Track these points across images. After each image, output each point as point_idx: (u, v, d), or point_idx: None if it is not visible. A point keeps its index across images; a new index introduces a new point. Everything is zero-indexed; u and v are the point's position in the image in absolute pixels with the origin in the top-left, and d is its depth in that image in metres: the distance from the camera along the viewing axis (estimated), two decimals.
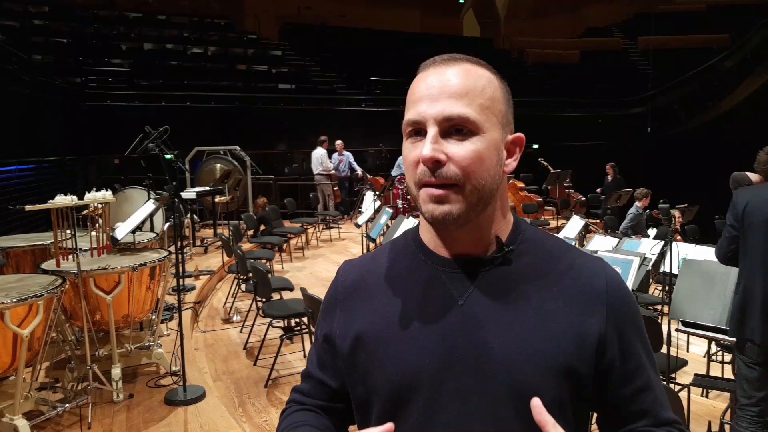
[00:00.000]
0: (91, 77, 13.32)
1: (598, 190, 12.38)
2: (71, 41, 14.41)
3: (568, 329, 0.86)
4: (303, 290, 4.03)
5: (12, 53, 10.26)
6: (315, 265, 8.39)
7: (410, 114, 0.86)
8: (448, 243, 0.91)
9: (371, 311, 0.94)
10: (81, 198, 3.74)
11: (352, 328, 0.94)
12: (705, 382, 3.29)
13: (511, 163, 0.91)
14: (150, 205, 4.22)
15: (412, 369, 0.87)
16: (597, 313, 0.87)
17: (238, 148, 10.28)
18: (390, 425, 0.81)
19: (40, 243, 4.36)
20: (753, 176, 3.63)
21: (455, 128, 0.83)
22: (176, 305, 4.12)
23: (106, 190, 3.84)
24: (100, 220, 4.00)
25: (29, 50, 12.59)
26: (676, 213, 8.44)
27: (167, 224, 6.14)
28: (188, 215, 8.46)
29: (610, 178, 11.53)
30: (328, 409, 1.01)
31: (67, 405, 3.35)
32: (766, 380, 2.72)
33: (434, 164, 0.82)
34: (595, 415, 0.96)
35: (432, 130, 0.83)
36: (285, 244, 8.67)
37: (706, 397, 4.13)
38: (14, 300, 2.95)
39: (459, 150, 0.83)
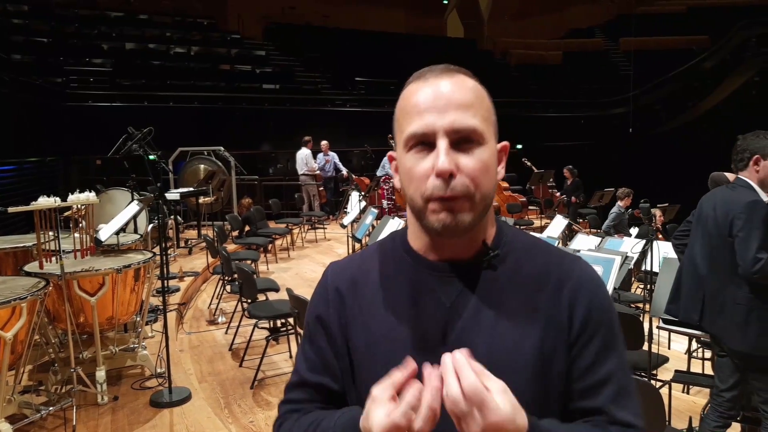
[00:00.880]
0: (72, 77, 13.15)
1: (557, 193, 12.36)
2: (51, 41, 14.21)
3: (547, 328, 0.88)
4: (289, 291, 4.03)
5: None
6: (300, 266, 8.38)
7: (415, 126, 0.85)
8: (439, 248, 0.93)
9: (361, 314, 0.95)
10: (64, 199, 3.71)
11: (343, 330, 0.96)
12: (685, 378, 3.35)
13: (501, 171, 0.93)
14: (134, 207, 4.20)
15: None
16: (568, 307, 0.89)
17: (222, 148, 10.22)
18: (413, 366, 0.78)
19: (22, 245, 4.31)
20: (731, 176, 3.69)
21: (463, 139, 0.85)
22: (161, 307, 4.10)
23: (89, 191, 3.81)
24: (84, 222, 3.97)
25: (9, 50, 12.41)
26: (658, 212, 8.55)
27: (151, 225, 6.10)
28: (172, 216, 8.41)
29: (569, 181, 11.51)
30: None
31: (51, 408, 3.32)
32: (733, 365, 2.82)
33: (449, 176, 0.83)
34: None
35: (443, 142, 0.83)
36: (270, 245, 8.65)
37: (687, 393, 4.19)
38: None
39: (468, 162, 0.84)
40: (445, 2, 26.69)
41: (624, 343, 0.94)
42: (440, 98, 0.85)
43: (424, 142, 0.86)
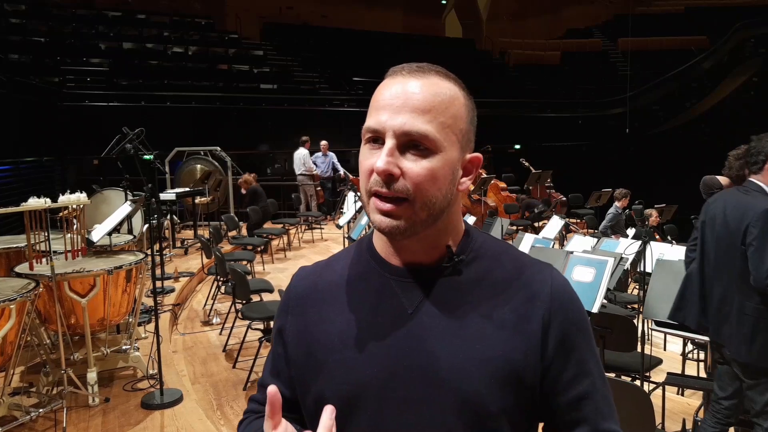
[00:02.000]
0: (69, 77, 13.12)
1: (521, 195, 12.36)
2: (49, 40, 14.18)
3: (514, 337, 0.85)
4: (281, 292, 4.01)
5: None
6: (297, 266, 8.12)
7: (370, 121, 0.85)
8: (400, 251, 0.91)
9: (321, 319, 0.93)
10: (55, 200, 3.69)
11: (302, 336, 0.94)
12: (678, 380, 3.33)
13: (466, 182, 0.90)
14: (126, 207, 4.18)
15: (360, 379, 0.87)
16: (541, 319, 0.86)
17: (218, 148, 10.20)
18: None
19: (15, 246, 4.29)
20: (723, 179, 3.68)
21: (413, 143, 0.83)
22: (157, 307, 4.09)
23: (81, 192, 3.79)
24: (76, 223, 3.95)
25: (6, 49, 12.39)
26: (654, 213, 8.54)
27: (146, 226, 6.08)
28: (168, 216, 8.39)
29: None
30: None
31: (41, 410, 3.30)
32: (733, 374, 2.78)
33: (387, 177, 0.82)
34: (542, 424, 0.95)
35: (389, 143, 0.82)
36: (266, 246, 8.64)
37: (681, 395, 4.18)
38: None
39: (413, 167, 0.82)
40: (444, 2, 26.68)
41: (595, 344, 0.93)
42: (398, 98, 0.83)
43: (377, 139, 0.85)
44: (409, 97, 0.83)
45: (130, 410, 3.61)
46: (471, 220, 7.60)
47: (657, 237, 8.61)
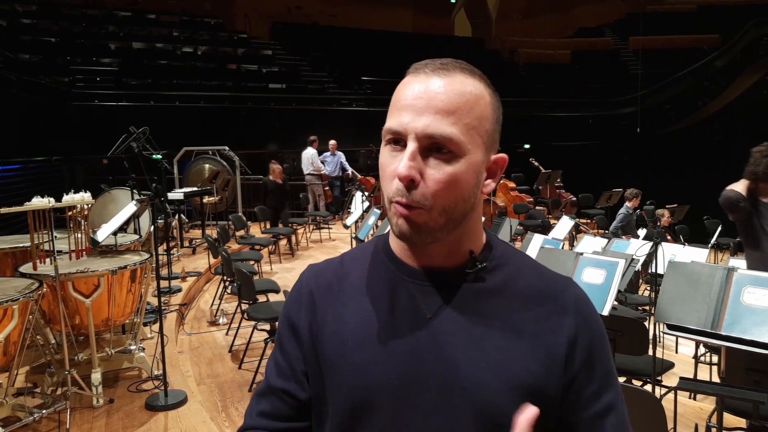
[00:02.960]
0: (79, 77, 13.20)
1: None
2: (59, 40, 14.27)
3: (538, 347, 0.83)
4: (286, 293, 3.97)
5: None
6: (304, 266, 8.18)
7: (392, 122, 0.81)
8: (418, 254, 0.87)
9: (336, 319, 0.89)
10: (60, 200, 3.67)
11: (315, 335, 0.90)
12: (690, 386, 3.25)
13: (490, 184, 0.86)
14: (131, 207, 4.16)
15: (374, 383, 0.83)
16: (567, 332, 0.84)
17: (227, 148, 10.19)
18: None
19: (21, 245, 4.28)
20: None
21: (436, 146, 0.78)
22: (161, 308, 4.06)
23: (85, 192, 3.77)
24: (82, 222, 3.93)
25: (17, 49, 12.46)
26: (665, 213, 8.44)
27: (153, 226, 6.07)
28: (176, 216, 8.39)
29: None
30: (291, 430, 0.92)
31: (44, 411, 3.28)
32: None
33: (408, 183, 0.78)
34: None
35: (411, 146, 0.78)
36: (274, 245, 8.61)
37: (694, 399, 4.10)
38: None
39: (436, 173, 0.78)
40: (453, 1, 26.60)
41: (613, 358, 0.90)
42: (421, 98, 0.79)
43: (399, 141, 0.81)
44: (433, 98, 0.79)
45: (134, 411, 3.58)
46: None
47: (668, 238, 8.51)
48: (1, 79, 9.05)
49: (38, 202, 3.42)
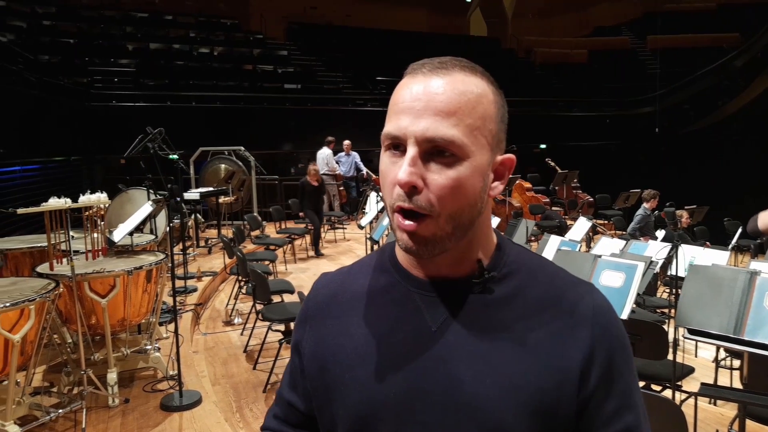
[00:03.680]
0: (97, 77, 13.32)
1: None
2: (77, 41, 14.42)
3: (549, 363, 0.77)
4: (300, 294, 3.97)
5: (18, 53, 10.28)
6: (319, 267, 8.33)
7: (390, 126, 0.77)
8: (425, 264, 0.83)
9: (339, 332, 0.87)
10: (76, 200, 3.69)
11: (318, 350, 0.88)
12: (711, 391, 3.20)
13: (498, 187, 0.81)
14: (147, 207, 4.17)
15: (377, 398, 0.80)
16: (582, 346, 0.78)
17: (242, 148, 10.24)
18: None
19: (39, 245, 4.32)
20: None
21: (438, 150, 0.74)
22: (177, 308, 4.07)
23: (101, 192, 3.79)
24: (100, 222, 3.95)
25: (36, 50, 12.60)
26: (685, 214, 8.32)
27: (168, 226, 6.10)
28: (192, 216, 8.43)
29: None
30: None
31: (61, 410, 3.30)
32: None
33: (410, 189, 0.74)
34: None
35: (411, 151, 0.74)
36: (289, 246, 8.62)
37: (714, 404, 4.03)
38: (6, 304, 2.91)
39: (438, 178, 0.74)
40: (468, 1, 26.48)
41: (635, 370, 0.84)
42: (419, 100, 0.75)
43: (398, 146, 0.77)
44: (432, 99, 0.74)
45: (149, 412, 3.59)
46: (495, 221, 7.48)
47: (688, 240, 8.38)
48: (21, 79, 9.15)
49: (54, 203, 3.44)
